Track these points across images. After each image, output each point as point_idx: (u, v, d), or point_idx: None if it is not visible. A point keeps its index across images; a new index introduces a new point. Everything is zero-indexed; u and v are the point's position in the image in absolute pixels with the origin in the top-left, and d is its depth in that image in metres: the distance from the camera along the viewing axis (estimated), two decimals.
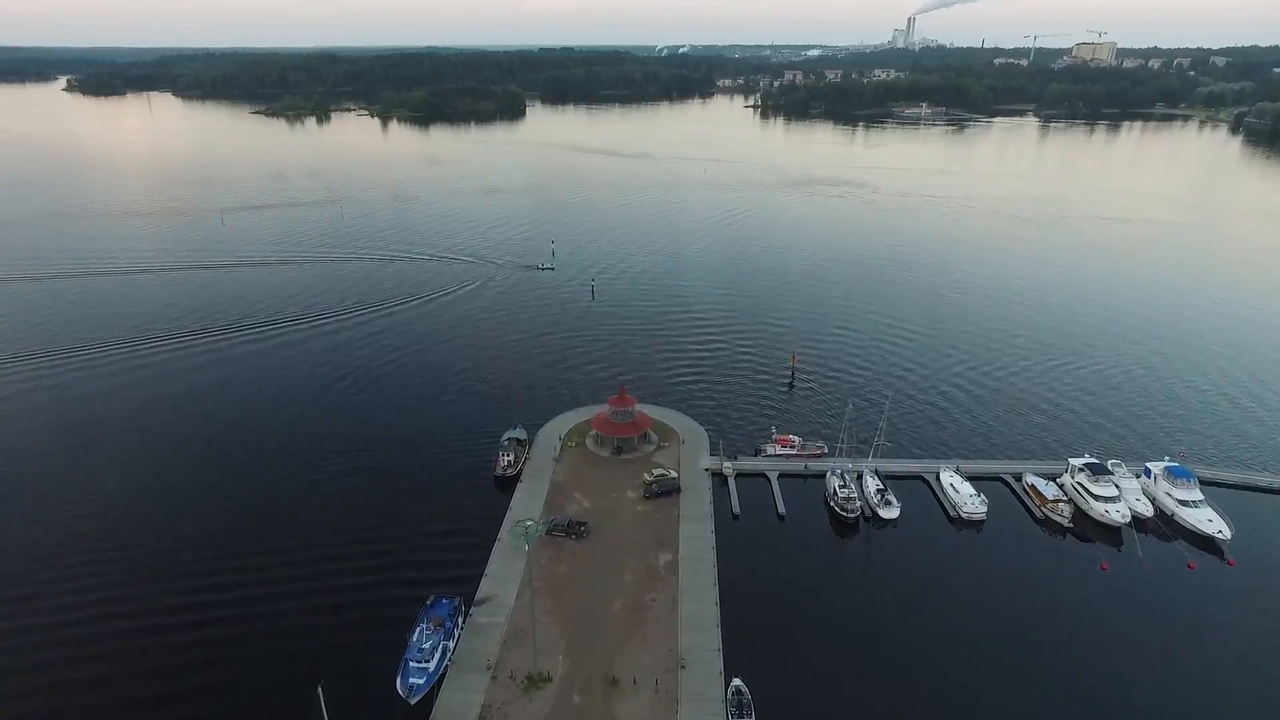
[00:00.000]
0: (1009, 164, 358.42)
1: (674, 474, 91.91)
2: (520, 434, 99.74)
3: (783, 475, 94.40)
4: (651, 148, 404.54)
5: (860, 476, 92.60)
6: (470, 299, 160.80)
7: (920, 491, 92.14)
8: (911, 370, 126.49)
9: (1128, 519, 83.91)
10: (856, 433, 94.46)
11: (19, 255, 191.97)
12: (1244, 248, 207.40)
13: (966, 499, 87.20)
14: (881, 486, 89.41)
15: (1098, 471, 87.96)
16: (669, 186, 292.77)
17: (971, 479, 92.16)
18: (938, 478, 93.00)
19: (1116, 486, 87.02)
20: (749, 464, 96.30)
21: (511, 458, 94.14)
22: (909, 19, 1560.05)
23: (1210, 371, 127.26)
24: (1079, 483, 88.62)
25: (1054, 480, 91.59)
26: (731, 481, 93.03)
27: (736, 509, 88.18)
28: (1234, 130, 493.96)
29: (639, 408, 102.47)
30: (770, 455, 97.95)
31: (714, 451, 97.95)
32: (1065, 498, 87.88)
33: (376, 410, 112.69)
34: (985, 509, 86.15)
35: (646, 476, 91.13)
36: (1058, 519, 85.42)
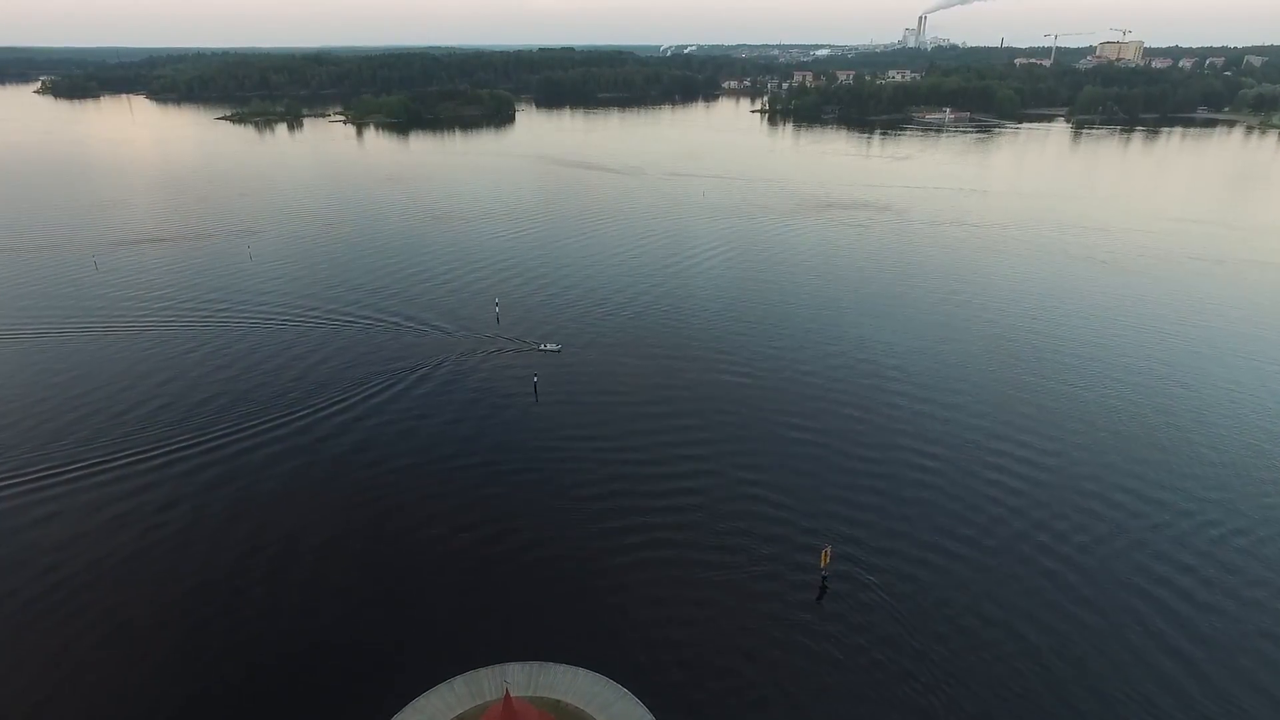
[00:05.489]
0: (1055, 181, 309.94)
1: None
2: None
3: None
4: (646, 161, 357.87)
5: None
6: (362, 404, 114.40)
7: None
8: (1039, 560, 79.39)
9: None
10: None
11: None
12: None
13: None
14: None
15: None
16: (660, 213, 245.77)
17: None
18: None
19: None
20: None
21: None
22: (920, 17, 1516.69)
23: None
24: None
25: None
26: None
27: None
28: None
29: (555, 674, 56.60)
30: None
31: None
32: None
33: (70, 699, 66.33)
34: None
35: None
36: None
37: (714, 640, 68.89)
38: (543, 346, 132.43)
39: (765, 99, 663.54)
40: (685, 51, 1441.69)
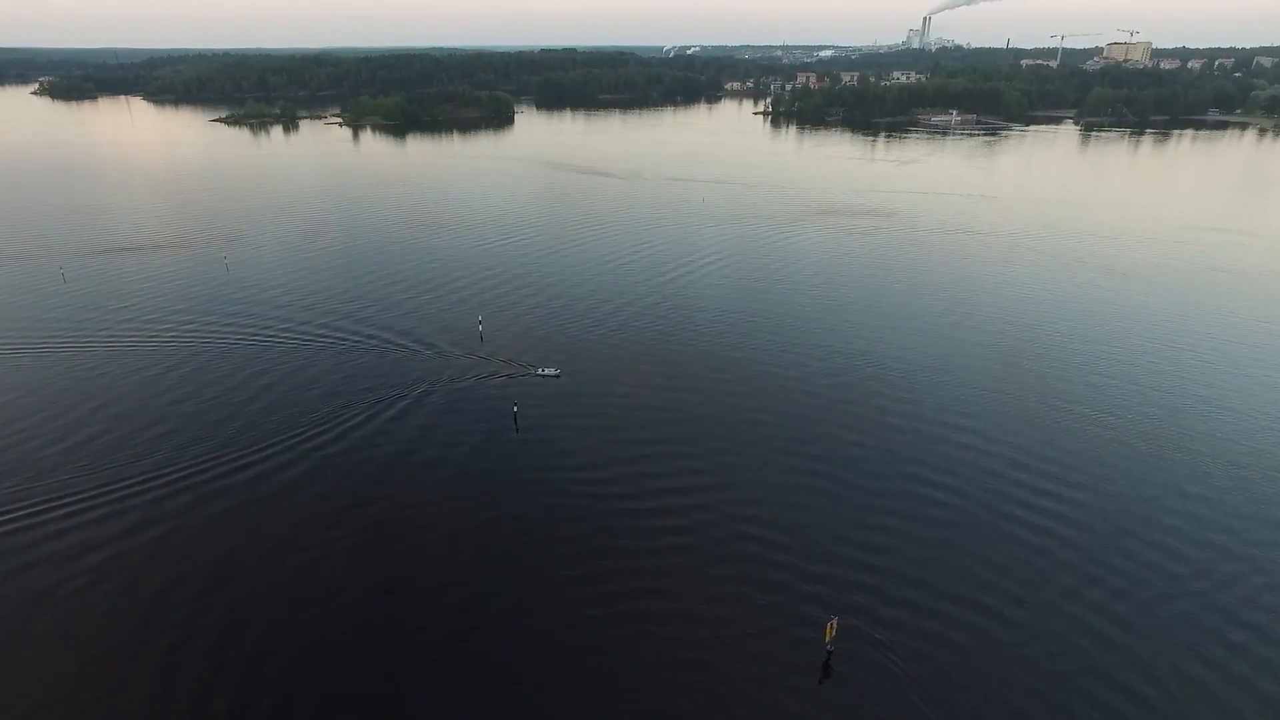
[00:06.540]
0: (1066, 186, 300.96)
1: None
2: None
3: None
4: (644, 165, 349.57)
5: None
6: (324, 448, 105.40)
7: None
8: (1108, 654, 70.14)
9: None
10: None
11: None
12: None
13: None
14: None
15: None
16: (657, 220, 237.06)
17: None
18: None
19: None
20: None
21: None
22: (924, 18, 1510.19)
23: None
24: None
25: None
26: None
27: None
28: None
29: None
30: None
31: None
32: None
33: None
34: None
35: None
36: None
37: (702, 715, 59.74)
38: (540, 371, 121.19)
39: (768, 101, 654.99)
40: (688, 52, 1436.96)
